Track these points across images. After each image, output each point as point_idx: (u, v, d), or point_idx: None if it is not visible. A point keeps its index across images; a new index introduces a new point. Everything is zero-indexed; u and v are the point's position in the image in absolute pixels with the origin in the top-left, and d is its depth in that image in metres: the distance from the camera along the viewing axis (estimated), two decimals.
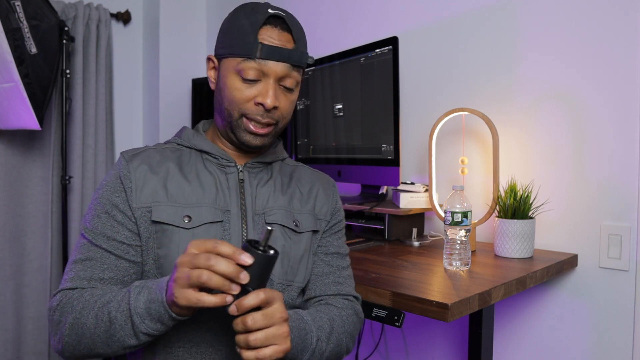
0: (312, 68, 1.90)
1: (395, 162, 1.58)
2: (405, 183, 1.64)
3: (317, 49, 2.12)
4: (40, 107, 1.93)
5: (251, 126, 0.91)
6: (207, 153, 0.97)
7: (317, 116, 1.90)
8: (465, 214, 1.20)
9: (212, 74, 0.96)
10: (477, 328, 1.22)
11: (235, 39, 0.89)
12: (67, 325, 0.81)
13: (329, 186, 1.07)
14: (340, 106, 1.78)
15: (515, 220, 1.34)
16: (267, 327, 0.72)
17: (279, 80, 0.90)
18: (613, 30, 1.36)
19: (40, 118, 1.94)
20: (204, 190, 0.93)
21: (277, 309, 0.73)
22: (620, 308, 1.35)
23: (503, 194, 1.39)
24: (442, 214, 1.44)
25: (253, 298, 0.70)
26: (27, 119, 1.92)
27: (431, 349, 1.75)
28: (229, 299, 0.69)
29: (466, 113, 1.48)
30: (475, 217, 1.47)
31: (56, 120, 2.22)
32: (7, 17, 1.79)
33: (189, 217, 0.89)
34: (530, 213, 1.38)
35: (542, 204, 1.45)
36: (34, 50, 1.87)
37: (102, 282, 0.86)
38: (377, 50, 1.61)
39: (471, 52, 1.65)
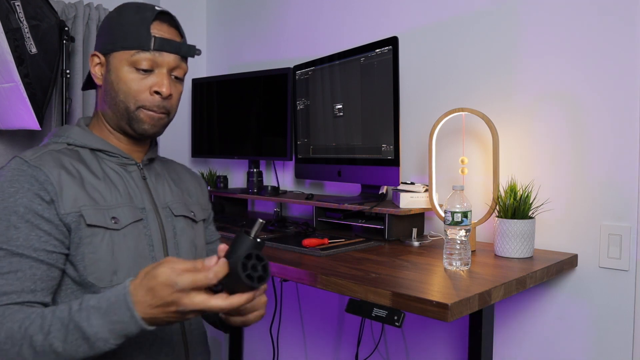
0: (312, 68, 1.90)
1: (395, 162, 1.58)
2: (405, 183, 1.64)
3: (317, 49, 2.12)
4: (40, 107, 1.93)
5: (148, 116, 0.96)
6: (103, 152, 0.98)
7: (317, 116, 1.90)
8: (465, 214, 1.20)
9: (97, 70, 0.99)
10: (477, 328, 1.22)
11: (127, 33, 0.94)
12: None
13: (201, 179, 1.21)
14: (340, 106, 1.78)
15: (515, 220, 1.34)
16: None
17: (171, 70, 0.98)
18: (613, 30, 1.36)
19: (40, 118, 1.93)
20: (118, 190, 0.95)
21: None
22: (620, 308, 1.35)
23: (503, 194, 1.39)
24: (442, 214, 1.44)
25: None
26: (27, 119, 1.92)
27: (431, 349, 1.75)
28: (260, 291, 0.80)
29: (466, 113, 1.48)
30: (475, 217, 1.47)
31: (56, 120, 2.22)
32: (7, 17, 1.79)
33: (115, 218, 0.91)
34: (530, 213, 1.38)
35: (542, 204, 1.45)
36: (34, 50, 1.87)
37: (34, 294, 0.82)
38: (377, 50, 1.61)
39: (471, 52, 1.65)
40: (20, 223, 0.83)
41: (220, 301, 0.71)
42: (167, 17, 0.99)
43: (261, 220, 0.77)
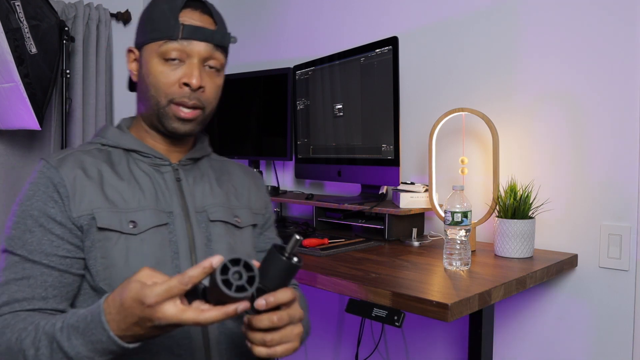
0: (312, 68, 1.90)
1: (395, 162, 1.58)
2: (405, 183, 1.64)
3: (317, 49, 2.12)
4: (40, 107, 1.93)
5: (179, 111, 0.88)
6: (136, 152, 0.93)
7: (317, 116, 1.90)
8: (465, 214, 1.20)
9: (133, 66, 0.94)
10: (477, 328, 1.22)
11: (156, 24, 0.88)
12: None
13: (259, 180, 1.08)
14: (340, 106, 1.78)
15: (515, 220, 1.34)
16: (289, 325, 0.71)
17: (203, 61, 0.90)
18: (613, 30, 1.36)
19: (40, 118, 1.94)
20: (143, 193, 0.89)
21: (296, 309, 0.73)
22: (620, 308, 1.35)
23: (503, 194, 1.39)
24: (442, 214, 1.44)
25: (284, 295, 0.69)
26: (27, 119, 1.92)
27: (431, 349, 1.75)
28: (242, 306, 0.64)
29: (466, 113, 1.48)
30: (475, 217, 1.47)
31: (56, 120, 2.22)
32: (7, 17, 1.79)
33: (134, 222, 0.85)
34: (530, 213, 1.38)
35: (542, 204, 1.45)
36: (34, 50, 1.87)
37: (46, 301, 0.80)
38: (377, 50, 1.61)
39: (471, 52, 1.65)
40: (35, 227, 0.82)
41: (192, 314, 0.63)
42: (199, 4, 0.90)
43: (298, 237, 0.67)
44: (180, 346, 0.85)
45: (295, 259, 0.68)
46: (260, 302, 0.67)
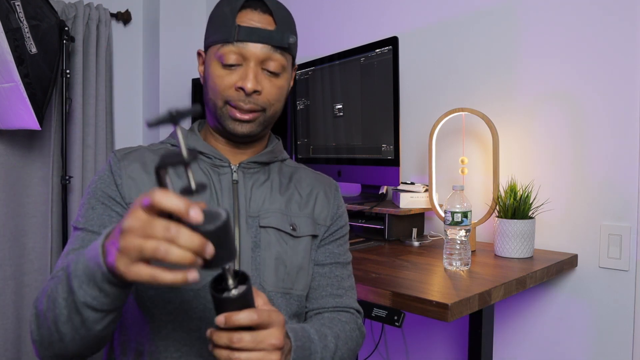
0: (312, 68, 1.90)
1: (395, 162, 1.58)
2: (405, 183, 1.64)
3: (317, 49, 2.12)
4: (40, 107, 1.93)
5: (235, 113, 0.87)
6: (200, 153, 0.92)
7: (317, 116, 1.90)
8: (465, 214, 1.20)
9: (201, 70, 0.94)
10: (477, 328, 1.22)
11: (216, 26, 0.88)
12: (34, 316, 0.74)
13: (330, 189, 1.02)
14: (340, 106, 1.78)
15: (515, 220, 1.34)
16: (254, 350, 0.65)
17: (261, 63, 0.87)
18: (613, 30, 1.36)
19: (40, 118, 1.93)
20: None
21: (270, 334, 0.66)
22: (620, 308, 1.35)
23: (503, 194, 1.39)
24: (442, 214, 1.44)
25: (245, 317, 0.64)
26: (27, 119, 1.92)
27: (431, 349, 1.75)
28: (193, 276, 0.56)
29: (466, 113, 1.48)
30: (475, 217, 1.47)
31: (56, 120, 2.22)
32: (7, 17, 1.79)
33: None
34: (530, 213, 1.38)
35: (542, 204, 1.45)
36: (34, 50, 1.87)
37: None
38: (377, 50, 1.61)
39: (471, 52, 1.65)
40: (97, 205, 0.87)
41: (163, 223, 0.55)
42: (259, 3, 0.87)
43: (227, 266, 0.62)
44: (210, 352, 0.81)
45: (233, 292, 0.63)
46: (219, 319, 0.64)
